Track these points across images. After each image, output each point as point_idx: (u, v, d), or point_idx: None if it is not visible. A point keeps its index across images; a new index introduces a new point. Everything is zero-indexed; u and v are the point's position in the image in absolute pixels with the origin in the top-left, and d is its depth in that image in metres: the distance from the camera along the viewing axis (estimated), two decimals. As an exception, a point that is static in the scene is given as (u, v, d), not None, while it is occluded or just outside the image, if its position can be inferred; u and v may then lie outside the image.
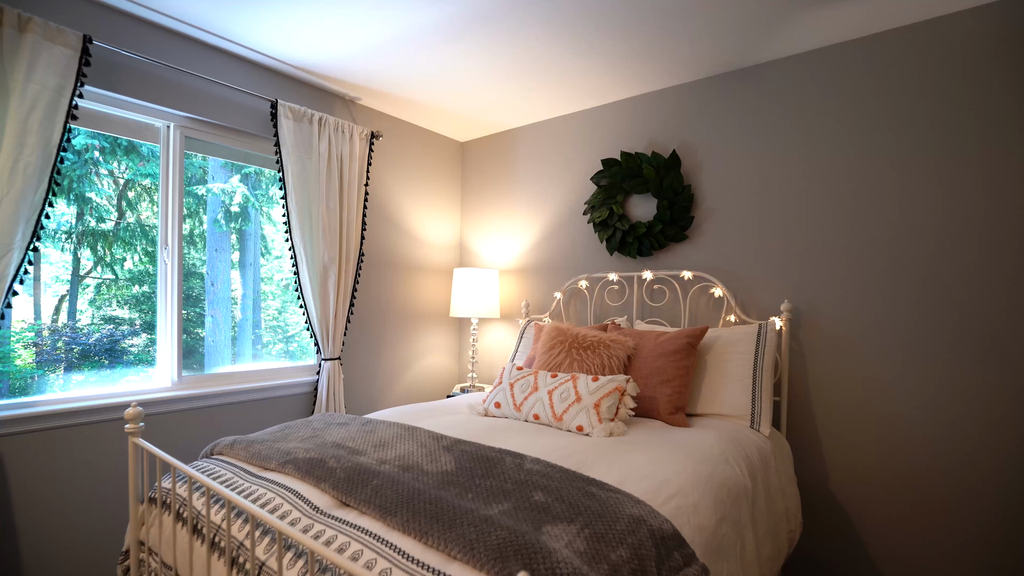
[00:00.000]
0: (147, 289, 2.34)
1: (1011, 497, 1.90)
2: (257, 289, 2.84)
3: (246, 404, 2.50)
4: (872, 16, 2.05)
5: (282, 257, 2.90)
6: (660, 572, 0.98)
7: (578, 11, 2.02)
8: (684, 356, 2.17)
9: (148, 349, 2.30)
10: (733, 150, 2.54)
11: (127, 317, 2.31)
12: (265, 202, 2.83)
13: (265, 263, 2.89)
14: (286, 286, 2.93)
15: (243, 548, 1.13)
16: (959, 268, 2.00)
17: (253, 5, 2.02)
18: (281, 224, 2.75)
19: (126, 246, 2.30)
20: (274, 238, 2.88)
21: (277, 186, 2.75)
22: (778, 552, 1.81)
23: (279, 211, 2.66)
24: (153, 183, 2.33)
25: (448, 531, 0.99)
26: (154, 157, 2.31)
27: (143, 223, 2.33)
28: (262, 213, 2.83)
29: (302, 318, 2.86)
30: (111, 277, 2.27)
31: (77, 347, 2.15)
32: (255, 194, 2.78)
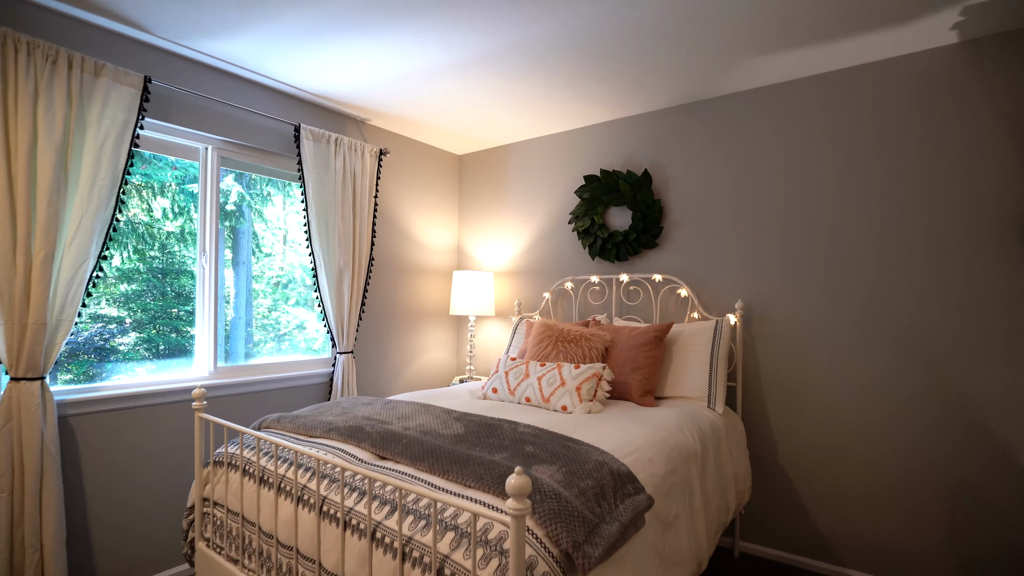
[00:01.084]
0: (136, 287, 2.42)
1: (919, 462, 2.31)
2: (249, 287, 2.91)
3: (271, 392, 2.84)
4: (807, 61, 2.45)
5: (272, 255, 3.02)
6: (615, 495, 1.35)
7: (566, 53, 2.40)
8: (653, 347, 2.56)
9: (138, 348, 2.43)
10: (696, 169, 2.93)
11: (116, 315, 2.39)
12: (258, 200, 2.91)
13: (255, 260, 2.94)
14: (276, 284, 3.05)
15: (307, 488, 1.49)
16: (882, 275, 2.41)
17: (285, 46, 2.37)
18: (302, 233, 3.09)
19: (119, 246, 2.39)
20: (264, 235, 2.97)
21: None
22: (726, 507, 2.20)
23: (272, 211, 2.92)
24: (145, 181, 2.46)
25: (463, 469, 1.36)
26: (155, 159, 2.50)
27: (132, 220, 2.41)
28: (255, 212, 2.91)
29: (293, 317, 3.10)
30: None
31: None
32: (250, 193, 2.89)
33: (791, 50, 2.34)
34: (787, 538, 2.64)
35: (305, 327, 3.20)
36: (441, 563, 1.14)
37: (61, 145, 1.99)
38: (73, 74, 2.03)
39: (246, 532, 1.67)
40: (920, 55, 2.33)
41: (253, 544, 1.65)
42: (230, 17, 2.12)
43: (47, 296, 1.95)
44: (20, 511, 1.90)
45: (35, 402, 1.93)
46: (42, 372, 1.96)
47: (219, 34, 2.25)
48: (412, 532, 1.22)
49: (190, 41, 2.32)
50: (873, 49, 2.32)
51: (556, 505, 1.19)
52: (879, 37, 2.22)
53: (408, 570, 1.19)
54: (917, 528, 2.31)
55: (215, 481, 1.85)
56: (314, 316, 3.20)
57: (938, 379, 2.27)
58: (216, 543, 1.81)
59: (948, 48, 2.28)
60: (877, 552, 2.40)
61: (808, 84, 2.60)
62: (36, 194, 1.94)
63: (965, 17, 2.07)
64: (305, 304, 3.20)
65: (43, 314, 1.94)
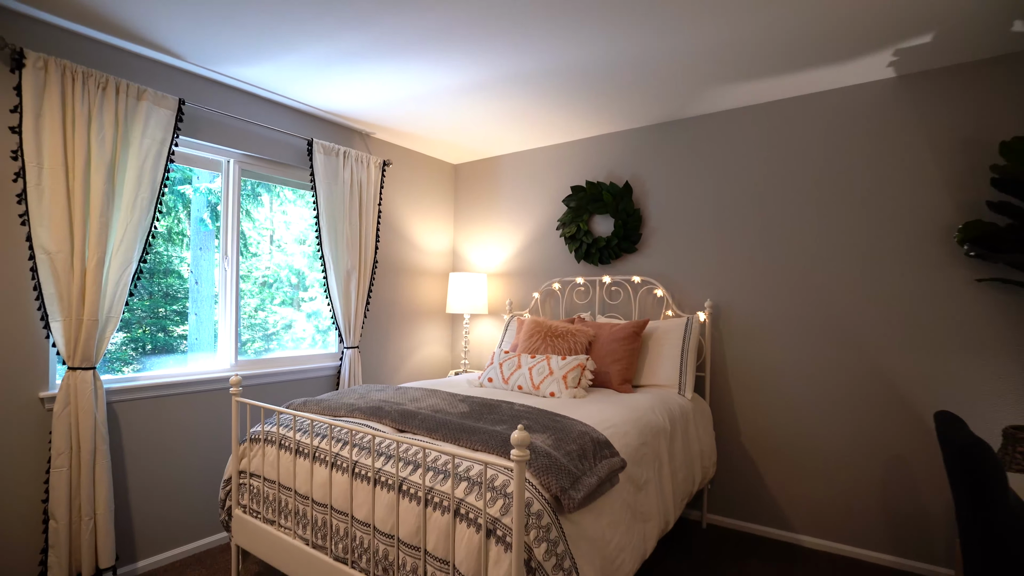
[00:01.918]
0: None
1: (857, 438, 2.67)
2: (237, 287, 2.96)
3: (284, 382, 3.12)
4: (764, 91, 2.80)
5: (259, 255, 3.09)
6: (595, 457, 1.67)
7: (556, 81, 2.72)
8: (631, 341, 2.88)
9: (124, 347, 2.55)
10: (671, 182, 3.27)
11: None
12: (248, 201, 2.97)
13: (243, 260, 2.98)
14: (263, 284, 3.12)
15: (340, 456, 1.79)
16: (829, 280, 2.76)
17: (302, 72, 2.65)
18: (313, 237, 3.37)
19: None
20: (251, 235, 3.02)
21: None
22: (692, 479, 2.54)
23: (260, 211, 3.09)
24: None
25: (472, 436, 1.66)
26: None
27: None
28: (243, 211, 2.97)
29: (281, 317, 3.23)
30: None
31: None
32: (240, 193, 2.94)
33: (749, 81, 2.68)
34: (748, 510, 2.98)
35: (292, 326, 3.31)
36: (457, 505, 1.45)
37: (110, 163, 2.26)
38: (119, 99, 2.30)
39: (282, 496, 1.96)
40: (863, 87, 2.69)
41: (289, 506, 1.94)
42: (258, 47, 2.40)
43: (99, 296, 2.22)
44: (77, 484, 2.17)
45: (89, 388, 2.19)
46: (94, 362, 2.23)
47: (245, 61, 2.53)
48: (433, 484, 1.53)
49: (219, 66, 2.59)
50: (822, 81, 2.68)
51: (547, 461, 1.51)
52: (825, 71, 2.57)
53: (430, 512, 1.49)
54: (856, 495, 2.67)
55: (251, 455, 2.13)
56: (302, 316, 3.37)
57: (873, 368, 2.63)
58: (252, 509, 2.10)
59: (887, 81, 2.63)
60: (824, 518, 2.76)
61: (766, 109, 2.95)
62: (90, 207, 2.21)
63: (898, 57, 2.42)
64: (291, 304, 3.32)
65: (95, 312, 2.21)
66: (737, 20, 2.10)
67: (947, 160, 2.47)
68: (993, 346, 2.36)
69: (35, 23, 2.15)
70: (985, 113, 2.40)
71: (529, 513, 1.38)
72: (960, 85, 2.46)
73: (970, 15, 2.05)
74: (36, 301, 2.16)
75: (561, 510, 1.46)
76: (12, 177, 2.10)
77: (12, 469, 2.11)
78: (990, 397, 2.36)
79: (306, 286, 3.43)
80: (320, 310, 3.46)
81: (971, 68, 2.43)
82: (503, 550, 1.35)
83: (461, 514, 1.44)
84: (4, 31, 2.07)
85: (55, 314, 2.14)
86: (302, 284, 3.41)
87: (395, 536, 1.57)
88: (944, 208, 2.48)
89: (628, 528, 1.80)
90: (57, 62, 2.11)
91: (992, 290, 2.36)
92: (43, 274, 2.11)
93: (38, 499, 2.16)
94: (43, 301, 2.12)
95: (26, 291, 2.15)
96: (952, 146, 2.46)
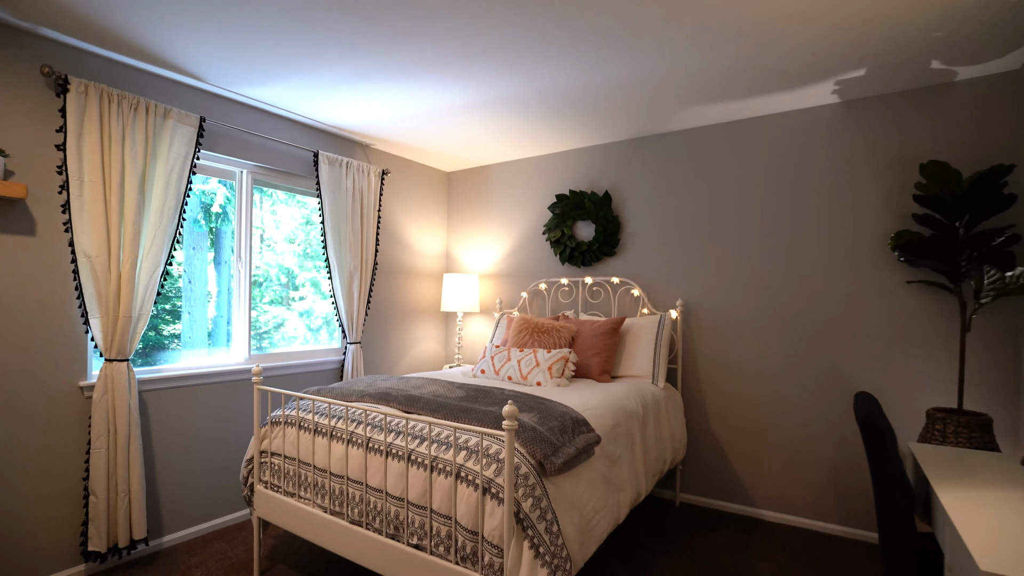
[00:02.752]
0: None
1: (811, 423, 3.00)
2: (229, 286, 3.09)
3: (292, 375, 3.38)
4: (727, 112, 3.12)
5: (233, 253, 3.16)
6: (573, 432, 1.97)
7: (542, 101, 3.02)
8: (609, 336, 3.19)
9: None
10: (647, 192, 3.58)
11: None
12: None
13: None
14: (253, 283, 3.22)
15: (355, 433, 2.07)
16: (786, 280, 3.10)
17: (311, 92, 2.92)
18: (319, 241, 3.64)
19: None
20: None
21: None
22: (663, 458, 2.85)
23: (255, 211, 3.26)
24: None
25: (469, 415, 1.95)
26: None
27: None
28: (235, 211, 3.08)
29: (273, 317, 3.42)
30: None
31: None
32: (234, 194, 3.07)
33: (713, 104, 3.00)
34: (716, 488, 3.31)
35: (284, 325, 3.46)
36: (458, 469, 1.74)
37: (141, 175, 2.52)
38: (149, 118, 2.55)
39: (302, 471, 2.24)
40: (812, 110, 3.02)
41: (308, 479, 2.22)
42: (272, 70, 2.67)
43: (132, 295, 2.48)
44: (114, 464, 2.43)
45: (123, 378, 2.45)
46: (128, 354, 2.49)
47: (259, 82, 2.79)
48: (437, 453, 1.82)
49: (236, 87, 2.85)
50: (777, 104, 3.00)
51: (533, 434, 1.80)
52: (780, 96, 2.90)
53: (435, 477, 1.78)
54: (810, 473, 3.00)
55: (272, 437, 2.41)
56: (293, 315, 3.53)
57: (823, 359, 2.97)
58: (274, 484, 2.37)
59: (833, 106, 2.97)
60: (782, 494, 3.09)
61: (729, 128, 3.28)
62: (124, 215, 2.46)
63: (839, 86, 2.75)
64: (280, 303, 3.47)
65: (129, 309, 2.47)
66: (700, 53, 2.42)
67: (883, 176, 2.81)
68: (920, 339, 2.70)
69: (78, 52, 2.40)
70: (911, 136, 2.74)
71: (518, 474, 1.68)
72: (892, 111, 2.80)
73: (895, 54, 2.39)
74: (77, 300, 2.41)
75: (544, 473, 1.76)
76: (57, 189, 2.35)
77: (56, 451, 2.36)
78: (917, 383, 2.71)
79: (296, 285, 3.57)
80: (312, 309, 3.69)
81: (900, 97, 2.78)
82: (496, 504, 1.64)
83: (461, 477, 1.73)
84: (51, 60, 2.32)
85: (94, 311, 2.39)
86: (292, 283, 3.55)
87: (405, 499, 1.86)
88: (881, 219, 2.82)
89: (603, 495, 2.10)
90: (96, 86, 2.36)
91: (919, 291, 2.70)
92: (84, 276, 2.37)
93: (79, 477, 2.42)
94: (83, 300, 2.37)
95: (68, 291, 2.40)
96: (886, 164, 2.81)
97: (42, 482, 2.32)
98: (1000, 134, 2.55)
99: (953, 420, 2.31)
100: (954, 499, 1.41)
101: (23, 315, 2.27)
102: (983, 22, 2.12)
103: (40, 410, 2.31)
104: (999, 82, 2.56)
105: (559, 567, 1.63)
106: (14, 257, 2.24)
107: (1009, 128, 2.53)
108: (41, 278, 2.32)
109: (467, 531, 1.70)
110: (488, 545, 1.65)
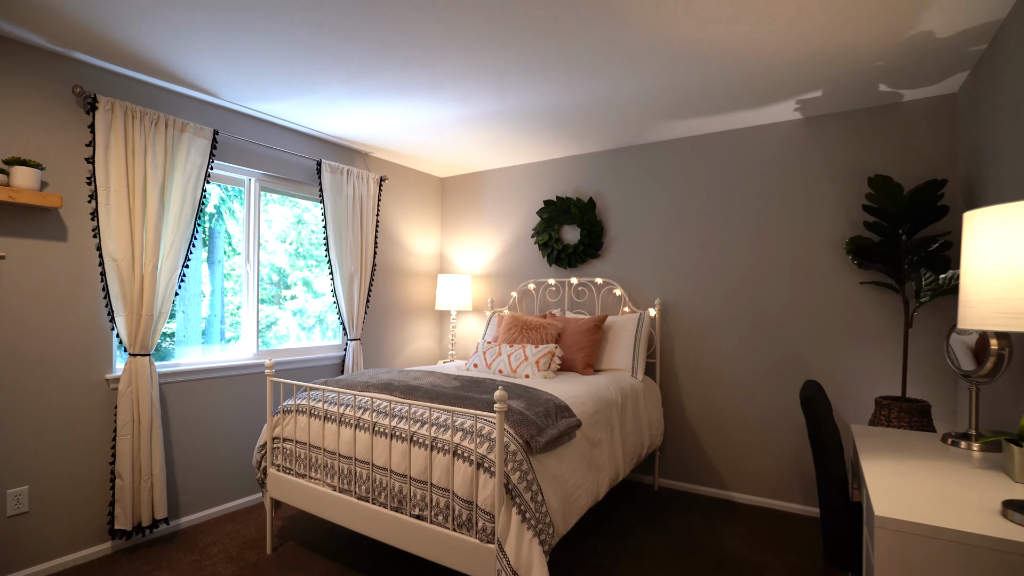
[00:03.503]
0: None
1: (777, 413, 3.29)
2: (223, 285, 3.19)
3: (296, 369, 3.61)
4: (700, 126, 3.40)
5: (241, 254, 3.37)
6: (556, 416, 2.23)
7: (531, 115, 3.27)
8: (593, 333, 3.46)
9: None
10: (628, 198, 3.85)
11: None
12: (236, 199, 3.16)
13: (227, 259, 3.17)
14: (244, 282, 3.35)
15: (361, 419, 2.31)
16: (755, 282, 3.38)
17: (316, 107, 3.15)
18: (322, 244, 3.86)
19: None
20: (234, 233, 3.22)
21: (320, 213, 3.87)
22: (641, 444, 3.12)
23: (240, 207, 3.73)
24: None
25: (464, 402, 2.20)
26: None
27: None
28: (228, 210, 3.19)
29: (265, 316, 3.78)
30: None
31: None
32: (228, 195, 3.17)
33: (688, 119, 3.27)
34: (693, 473, 3.59)
35: (277, 324, 3.59)
36: (455, 447, 1.99)
37: (161, 185, 2.74)
38: (168, 132, 2.77)
39: (313, 455, 2.48)
40: (778, 125, 3.30)
41: (318, 461, 2.46)
42: (280, 88, 2.90)
43: (153, 295, 2.70)
44: (137, 449, 2.65)
45: (146, 371, 2.67)
46: (150, 350, 2.71)
47: (268, 98, 3.02)
48: (436, 435, 2.07)
49: (246, 102, 3.08)
50: (746, 119, 3.28)
51: (520, 417, 2.06)
52: (748, 112, 3.17)
53: (435, 455, 2.03)
54: (775, 459, 3.29)
55: (284, 424, 2.64)
56: (286, 314, 3.73)
57: (788, 353, 3.25)
58: (285, 467, 2.61)
59: (796, 122, 3.25)
60: (751, 478, 3.37)
61: (703, 140, 3.55)
62: (146, 222, 2.68)
63: (800, 104, 3.03)
64: (272, 302, 3.59)
65: (151, 308, 2.69)
66: (670, 77, 2.68)
67: (840, 186, 3.10)
68: (869, 334, 2.99)
69: (105, 73, 2.62)
70: (864, 151, 3.03)
71: (507, 451, 1.93)
72: (847, 128, 3.08)
73: (847, 77, 2.67)
74: (104, 300, 2.63)
75: (530, 451, 2.02)
76: (87, 198, 2.57)
77: (85, 438, 2.58)
78: (867, 374, 3.00)
79: (288, 284, 3.71)
80: (305, 308, 3.90)
81: (854, 115, 3.06)
82: (488, 477, 1.90)
83: (458, 454, 1.99)
84: (82, 80, 2.53)
85: (119, 310, 2.61)
86: (284, 282, 3.70)
87: (408, 475, 2.11)
88: (837, 225, 3.10)
89: (584, 474, 2.36)
90: (121, 104, 2.58)
91: (870, 291, 2.99)
92: (110, 277, 2.59)
93: (106, 462, 2.64)
94: (110, 299, 2.59)
95: (96, 291, 2.62)
96: (843, 176, 3.09)
97: (73, 466, 2.54)
98: (939, 150, 2.84)
99: (896, 406, 2.60)
100: (873, 465, 1.68)
101: (56, 313, 2.49)
102: (917, 54, 2.41)
103: (71, 401, 2.53)
104: (939, 103, 2.85)
105: (543, 531, 1.89)
106: (48, 261, 2.46)
107: (947, 145, 2.82)
108: (72, 280, 2.54)
109: (463, 501, 1.95)
110: (481, 512, 1.90)
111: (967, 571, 1.16)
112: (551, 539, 1.93)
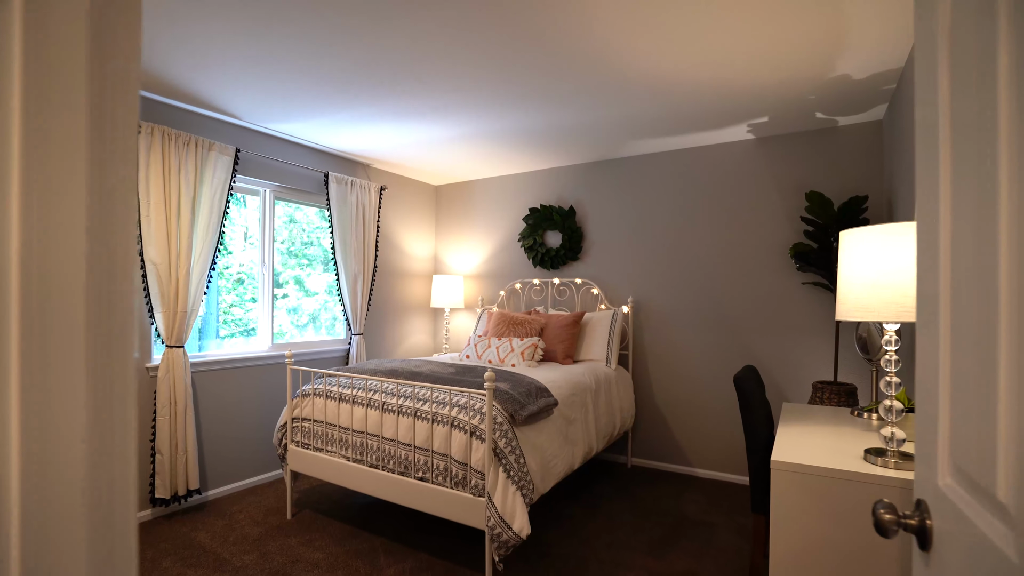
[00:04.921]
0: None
1: (731, 399, 3.75)
2: (217, 284, 3.43)
3: (308, 360, 4.01)
4: (665, 143, 3.84)
5: (232, 252, 3.61)
6: (537, 396, 2.66)
7: (517, 134, 3.70)
8: (572, 327, 3.89)
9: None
10: (605, 206, 4.29)
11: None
12: (231, 200, 3.37)
13: (220, 257, 3.36)
14: (238, 280, 3.63)
15: (372, 400, 2.73)
16: (714, 281, 3.83)
17: (325, 126, 3.55)
18: (328, 248, 4.26)
19: None
20: (227, 232, 3.42)
21: (323, 220, 4.27)
22: (613, 424, 3.56)
23: (239, 210, 4.15)
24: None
25: (459, 384, 2.63)
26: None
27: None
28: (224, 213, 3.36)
29: (248, 313, 4.34)
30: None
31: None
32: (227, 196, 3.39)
33: (655, 138, 3.72)
34: (662, 452, 4.04)
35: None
36: (452, 420, 2.42)
37: (192, 198, 3.13)
38: (198, 151, 3.16)
39: (328, 431, 2.89)
40: (733, 144, 3.75)
41: (334, 436, 2.87)
42: (294, 111, 3.30)
43: (187, 295, 3.09)
44: (174, 428, 3.04)
45: (180, 361, 3.07)
46: (184, 342, 3.10)
47: (283, 120, 3.41)
48: (436, 410, 2.49)
49: (264, 123, 3.47)
50: (706, 138, 3.73)
51: (506, 395, 2.49)
52: (707, 133, 3.62)
53: (435, 427, 2.46)
54: (730, 437, 3.75)
55: (302, 406, 3.05)
56: (280, 312, 4.05)
57: (742, 346, 3.71)
58: (304, 443, 3.01)
59: (749, 141, 3.70)
60: (711, 455, 3.83)
61: (670, 156, 4.00)
62: (180, 230, 3.07)
63: (751, 127, 3.49)
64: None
65: (185, 306, 3.08)
66: (641, 105, 3.12)
67: (787, 199, 3.56)
68: (810, 328, 3.46)
69: (146, 100, 3.00)
70: (806, 168, 3.49)
71: (495, 422, 2.36)
72: (792, 148, 3.54)
73: (788, 105, 3.12)
74: (145, 298, 3.02)
75: (514, 423, 2.45)
76: (131, 211, 2.95)
77: (129, 418, 2.96)
78: (808, 362, 3.46)
79: (280, 283, 3.97)
80: (299, 307, 4.25)
81: (798, 137, 3.52)
82: (480, 442, 2.32)
83: (455, 425, 2.41)
84: (126, 109, 2.92)
85: (158, 307, 3.00)
86: (276, 282, 3.94)
87: (412, 444, 2.53)
88: (785, 233, 3.56)
89: (560, 446, 2.80)
90: (159, 128, 2.97)
91: (811, 290, 3.46)
92: (150, 279, 2.98)
93: (147, 439, 3.03)
94: (149, 298, 2.98)
95: (137, 290, 3.00)
96: (789, 189, 3.55)
97: (119, 443, 2.92)
98: (867, 170, 3.31)
99: (828, 389, 3.06)
100: (785, 430, 2.12)
101: (105, 310, 2.87)
102: (840, 90, 2.86)
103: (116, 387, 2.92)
104: (868, 129, 3.31)
105: (524, 486, 2.32)
106: (99, 265, 2.84)
107: (873, 166, 3.29)
108: (118, 281, 2.92)
109: (458, 463, 2.38)
110: (474, 471, 2.33)
111: (835, 498, 1.60)
112: (531, 494, 2.37)
